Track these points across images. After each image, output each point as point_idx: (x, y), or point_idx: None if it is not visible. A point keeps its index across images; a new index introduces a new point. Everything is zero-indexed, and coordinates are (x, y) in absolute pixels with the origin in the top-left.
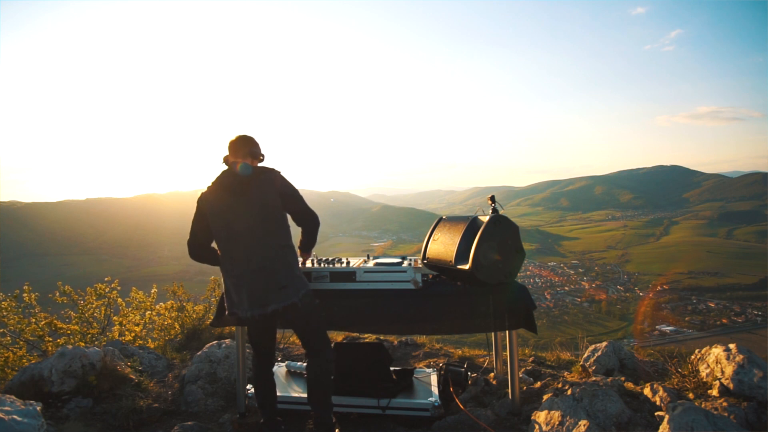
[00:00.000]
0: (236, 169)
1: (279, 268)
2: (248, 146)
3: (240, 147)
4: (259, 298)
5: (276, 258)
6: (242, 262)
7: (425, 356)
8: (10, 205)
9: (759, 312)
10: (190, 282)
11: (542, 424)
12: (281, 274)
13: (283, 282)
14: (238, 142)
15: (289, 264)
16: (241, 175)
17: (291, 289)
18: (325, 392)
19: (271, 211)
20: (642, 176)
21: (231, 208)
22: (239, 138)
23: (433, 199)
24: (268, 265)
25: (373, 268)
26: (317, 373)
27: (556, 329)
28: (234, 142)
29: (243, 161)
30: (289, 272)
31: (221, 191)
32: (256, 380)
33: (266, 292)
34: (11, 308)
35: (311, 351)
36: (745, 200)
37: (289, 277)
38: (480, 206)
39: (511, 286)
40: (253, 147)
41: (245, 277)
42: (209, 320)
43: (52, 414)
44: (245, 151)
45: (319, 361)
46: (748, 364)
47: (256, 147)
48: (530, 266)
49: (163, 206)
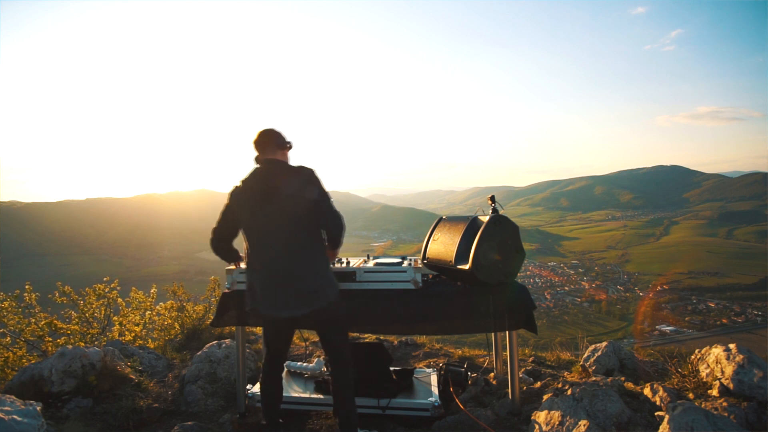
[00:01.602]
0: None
1: (309, 271)
2: (273, 140)
3: (267, 143)
4: (288, 300)
5: (306, 261)
6: (271, 262)
7: (425, 356)
8: (10, 205)
9: (759, 312)
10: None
11: (542, 424)
12: (311, 278)
13: (313, 286)
14: (262, 139)
15: (320, 267)
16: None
17: (321, 293)
18: (351, 398)
19: (302, 212)
20: (642, 176)
21: (262, 207)
22: (262, 134)
23: (433, 199)
24: (299, 267)
25: (373, 268)
26: (343, 377)
27: (556, 329)
28: (258, 140)
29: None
30: (320, 276)
31: (253, 189)
32: (264, 380)
33: (295, 294)
34: (11, 308)
35: (333, 356)
36: (745, 200)
37: (319, 281)
38: (480, 206)
39: (511, 286)
40: (277, 139)
41: (274, 278)
42: (209, 320)
43: (52, 414)
44: (272, 146)
45: (343, 367)
46: (748, 364)
47: (281, 138)
48: (530, 266)
49: (163, 206)
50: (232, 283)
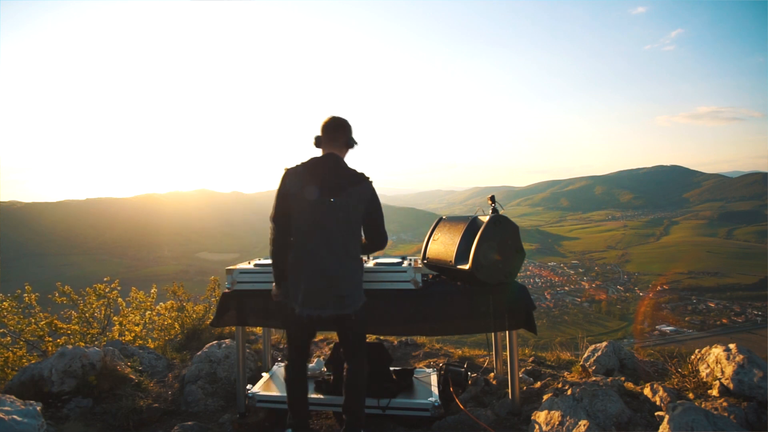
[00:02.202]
0: (331, 167)
1: (345, 276)
2: (347, 135)
3: (341, 136)
4: (318, 301)
5: (345, 266)
6: (312, 260)
7: (425, 356)
8: (10, 205)
9: (759, 312)
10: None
11: (542, 424)
12: (345, 283)
13: (345, 291)
14: (339, 130)
15: (356, 275)
16: (336, 175)
17: (350, 299)
18: (362, 396)
19: (355, 220)
20: (642, 176)
21: (318, 203)
22: (339, 124)
23: (433, 199)
24: (337, 271)
25: (373, 268)
26: (356, 377)
27: (556, 329)
28: (334, 129)
29: (339, 153)
30: (353, 283)
31: (311, 179)
32: (290, 379)
33: (326, 296)
34: (11, 308)
35: (351, 356)
36: (745, 200)
37: (352, 287)
38: (480, 206)
39: (511, 286)
40: (350, 135)
41: (308, 275)
42: (209, 320)
43: (52, 414)
44: (344, 141)
45: (358, 367)
46: (748, 364)
47: (351, 134)
48: (530, 266)
49: (163, 206)
50: (232, 283)
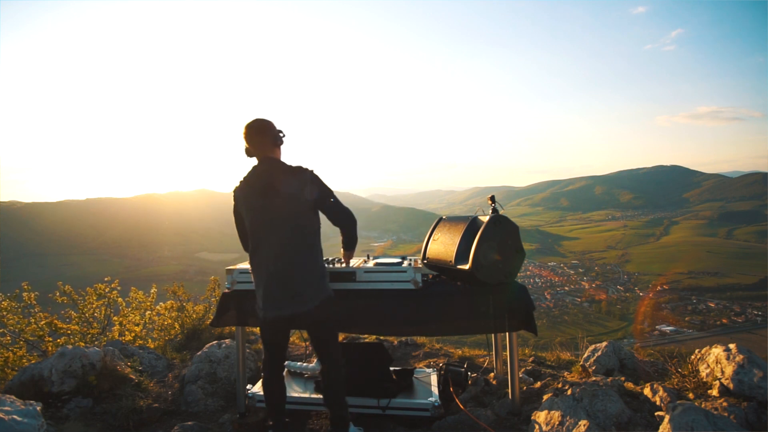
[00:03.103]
0: (266, 171)
1: (296, 273)
2: (270, 135)
3: (264, 140)
4: (275, 302)
5: (295, 263)
6: (263, 263)
7: (425, 356)
8: (10, 205)
9: (759, 312)
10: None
11: (542, 424)
12: (297, 280)
13: (297, 288)
14: (259, 135)
15: (309, 270)
16: (269, 177)
17: (306, 296)
18: (340, 395)
19: (299, 214)
20: (642, 176)
21: (259, 208)
22: (258, 129)
23: (433, 199)
24: (287, 269)
25: (373, 268)
26: (331, 378)
27: (556, 329)
28: (254, 136)
29: (270, 154)
30: (308, 279)
31: (253, 188)
32: (267, 380)
33: (282, 296)
34: (11, 308)
35: (322, 357)
36: (745, 200)
37: (305, 283)
38: (480, 206)
39: (511, 286)
40: (273, 134)
41: (264, 279)
42: (209, 320)
43: (52, 414)
44: (269, 142)
45: (332, 368)
46: (748, 364)
47: (276, 133)
48: (530, 266)
49: (163, 206)
50: (232, 283)
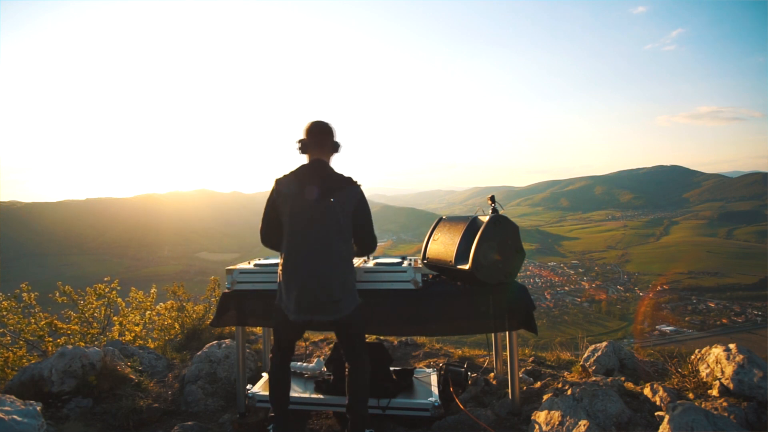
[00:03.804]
0: (318, 173)
1: (336, 281)
2: (332, 140)
3: (326, 141)
4: (308, 306)
5: (335, 271)
6: (301, 265)
7: (425, 356)
8: (10, 205)
9: (759, 312)
10: (190, 282)
11: (542, 424)
12: (336, 288)
13: (336, 296)
14: (324, 136)
15: (347, 278)
16: (323, 179)
17: (342, 304)
18: (364, 398)
19: (343, 224)
20: (642, 176)
21: (305, 209)
22: (324, 130)
23: (433, 199)
24: (326, 276)
25: (373, 268)
26: (357, 381)
27: (556, 329)
28: (319, 135)
29: (326, 158)
30: (345, 287)
31: (298, 187)
32: (274, 375)
33: (317, 301)
34: (11, 308)
35: (351, 357)
36: (745, 200)
37: (343, 291)
38: (480, 206)
39: (511, 286)
40: (334, 139)
41: (300, 282)
42: (209, 320)
43: (52, 414)
44: (330, 146)
45: (360, 367)
46: (748, 364)
47: (335, 137)
48: (530, 266)
49: (163, 206)
50: (232, 283)
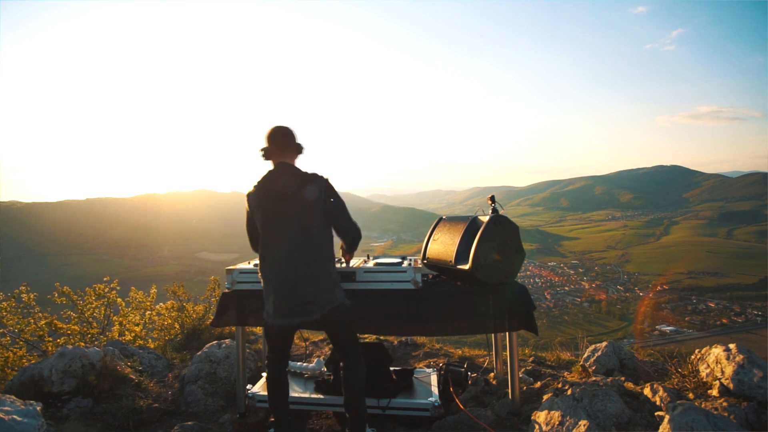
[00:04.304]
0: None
1: (308, 282)
2: (293, 143)
3: (287, 145)
4: (285, 310)
5: (307, 272)
6: (274, 270)
7: (425, 356)
8: (10, 205)
9: (759, 312)
10: (190, 282)
11: (542, 424)
12: (309, 290)
13: (309, 297)
14: (283, 139)
15: (321, 279)
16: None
17: (317, 304)
18: (359, 393)
19: (312, 223)
20: (642, 176)
21: (272, 212)
22: (282, 134)
23: (433, 199)
24: (298, 278)
25: (373, 268)
26: (352, 376)
27: (556, 329)
28: (278, 140)
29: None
30: (319, 287)
31: (263, 194)
32: (271, 378)
33: (293, 304)
34: (11, 308)
35: (342, 354)
36: (745, 200)
37: (317, 292)
38: (480, 206)
39: (511, 286)
40: (296, 142)
41: (274, 286)
42: (209, 320)
43: (52, 414)
44: (291, 149)
45: (353, 365)
46: (748, 364)
47: (297, 141)
48: (530, 266)
49: (163, 206)
50: (232, 283)
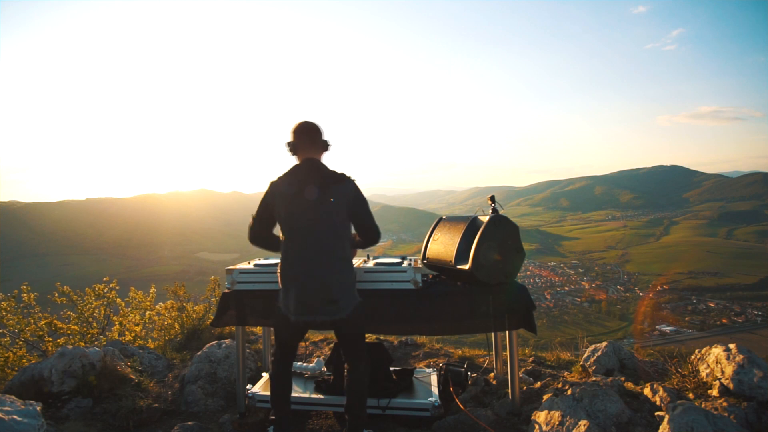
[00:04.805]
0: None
1: (334, 281)
2: (321, 139)
3: (315, 141)
4: (308, 307)
5: (334, 271)
6: (299, 266)
7: (425, 356)
8: (10, 205)
9: (759, 312)
10: (190, 282)
11: (542, 424)
12: (335, 288)
13: (335, 296)
14: (312, 135)
15: (345, 278)
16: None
17: (341, 304)
18: (362, 398)
19: (339, 222)
20: (642, 176)
21: (299, 209)
22: (312, 130)
23: (433, 199)
24: (326, 275)
25: (373, 268)
26: (357, 380)
27: (556, 329)
28: (308, 135)
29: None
30: (343, 287)
31: (292, 188)
32: (276, 377)
33: (316, 302)
34: (11, 308)
35: (350, 360)
36: (745, 200)
37: (342, 291)
38: (480, 206)
39: (511, 286)
40: (323, 138)
41: (298, 282)
42: (209, 320)
43: (52, 414)
44: (319, 145)
45: (358, 370)
46: (748, 364)
47: (324, 135)
48: (530, 266)
49: (163, 206)
50: (232, 283)
